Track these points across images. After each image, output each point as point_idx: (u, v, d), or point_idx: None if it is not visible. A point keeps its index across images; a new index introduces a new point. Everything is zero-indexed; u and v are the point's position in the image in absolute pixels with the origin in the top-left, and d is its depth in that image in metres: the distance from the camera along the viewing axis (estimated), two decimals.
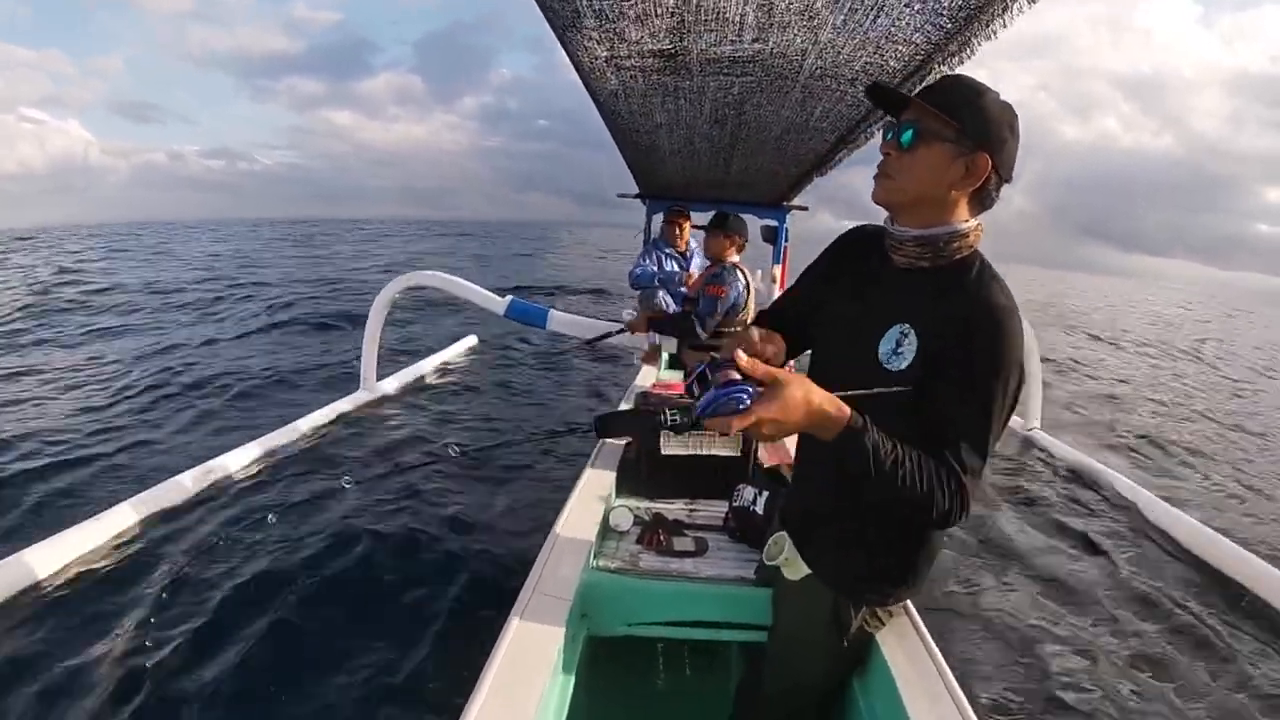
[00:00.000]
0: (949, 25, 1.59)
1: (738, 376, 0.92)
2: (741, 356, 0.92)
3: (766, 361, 1.01)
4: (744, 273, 3.21)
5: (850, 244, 1.25)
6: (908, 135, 1.02)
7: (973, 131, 0.99)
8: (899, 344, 1.05)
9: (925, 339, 1.02)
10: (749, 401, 0.90)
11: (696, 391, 0.95)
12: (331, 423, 4.67)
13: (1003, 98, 1.03)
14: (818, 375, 1.18)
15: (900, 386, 1.02)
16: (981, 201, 1.05)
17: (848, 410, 0.95)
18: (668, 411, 0.95)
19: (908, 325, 1.04)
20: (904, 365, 1.03)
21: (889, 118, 1.10)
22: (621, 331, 3.41)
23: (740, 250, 3.30)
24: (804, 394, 0.93)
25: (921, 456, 0.97)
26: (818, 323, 1.24)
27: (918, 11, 1.56)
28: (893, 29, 1.67)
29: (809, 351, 1.30)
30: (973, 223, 1.05)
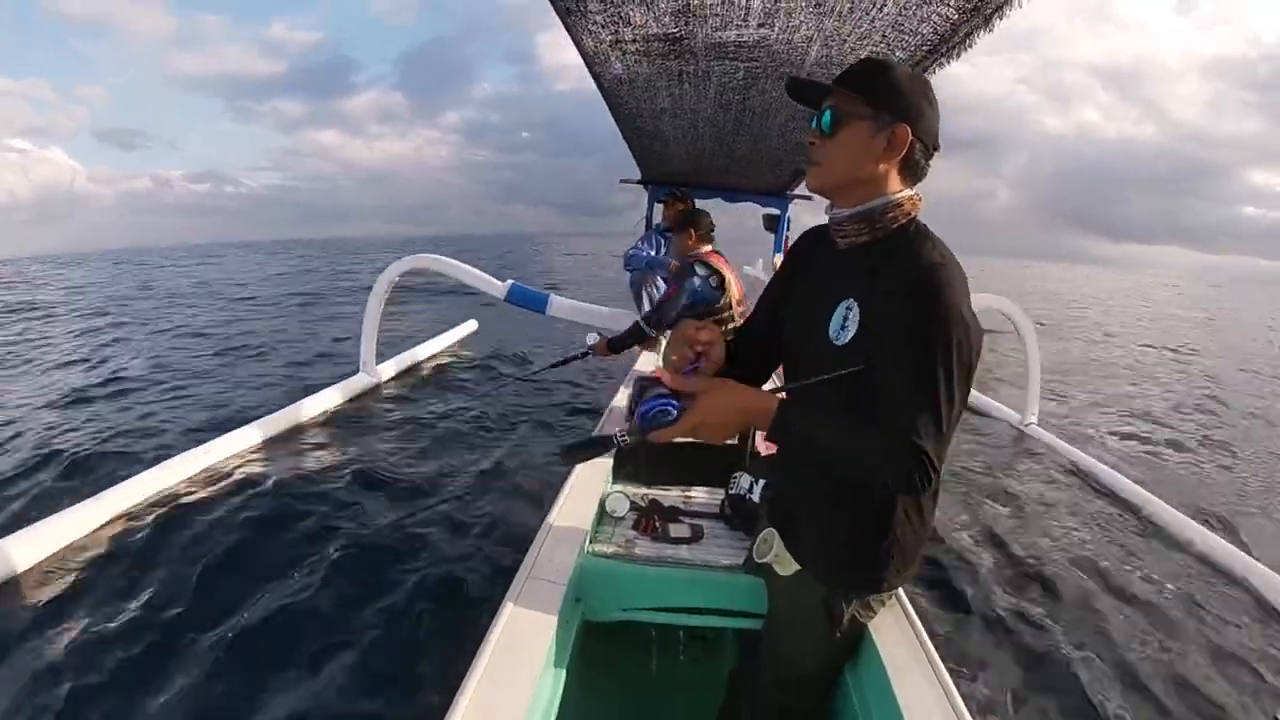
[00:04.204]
0: (955, 16, 1.58)
1: (665, 391, 1.05)
2: (664, 375, 1.06)
3: (703, 349, 1.13)
4: (708, 264, 3.10)
5: (801, 245, 1.29)
6: (827, 120, 1.06)
7: (887, 104, 1.02)
8: (845, 319, 1.07)
9: (865, 309, 1.05)
10: (674, 413, 1.03)
11: (634, 409, 1.07)
12: (329, 406, 4.67)
13: (913, 70, 1.08)
14: (788, 368, 1.26)
15: (846, 366, 1.02)
16: (912, 172, 1.08)
17: (774, 403, 1.03)
18: (617, 434, 1.05)
19: (851, 299, 1.07)
20: (849, 338, 1.05)
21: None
22: (586, 355, 3.45)
23: (703, 240, 3.19)
24: (728, 397, 1.04)
25: (868, 429, 0.99)
26: (788, 329, 1.26)
27: (925, 2, 1.55)
28: (899, 18, 1.66)
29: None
30: (907, 192, 1.07)
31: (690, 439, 1.05)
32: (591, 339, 3.39)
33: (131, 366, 6.49)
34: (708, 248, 3.18)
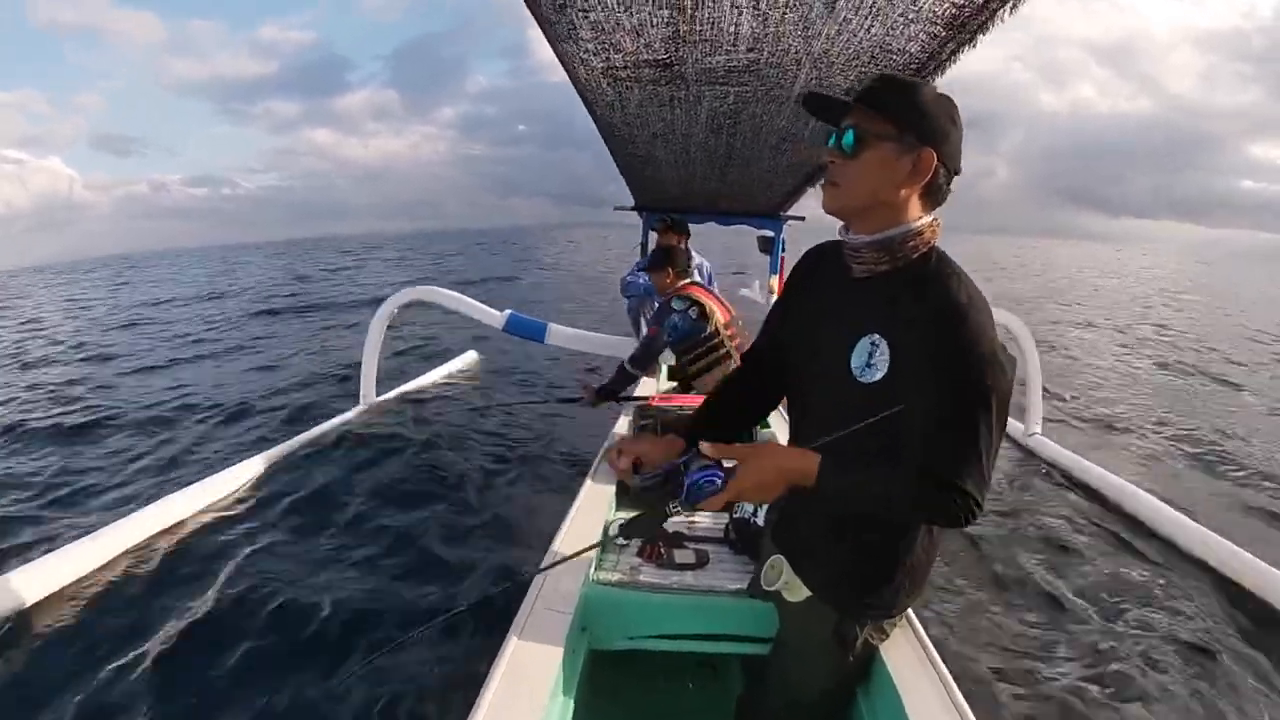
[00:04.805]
0: (942, 34, 1.60)
1: (708, 462, 1.09)
2: (706, 447, 1.08)
3: (637, 460, 1.20)
4: (685, 296, 3.11)
5: (808, 266, 1.25)
6: (849, 139, 1.01)
7: (914, 128, 0.99)
8: (871, 355, 1.03)
9: (895, 346, 1.01)
10: (720, 482, 1.08)
11: (682, 480, 1.13)
12: (328, 439, 4.64)
13: (938, 89, 1.03)
14: (798, 400, 1.22)
15: (877, 406, 0.99)
16: (933, 197, 1.04)
17: (815, 462, 1.02)
18: (670, 508, 1.12)
19: (877, 335, 1.03)
20: (878, 377, 1.02)
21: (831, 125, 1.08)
22: (579, 400, 3.54)
23: (681, 276, 3.22)
24: (770, 461, 1.05)
25: (911, 480, 0.97)
26: (793, 351, 1.23)
27: (911, 21, 1.58)
28: (887, 39, 1.68)
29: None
30: (927, 219, 1.04)
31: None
32: (581, 396, 3.47)
33: (126, 398, 6.45)
34: (685, 281, 3.20)
